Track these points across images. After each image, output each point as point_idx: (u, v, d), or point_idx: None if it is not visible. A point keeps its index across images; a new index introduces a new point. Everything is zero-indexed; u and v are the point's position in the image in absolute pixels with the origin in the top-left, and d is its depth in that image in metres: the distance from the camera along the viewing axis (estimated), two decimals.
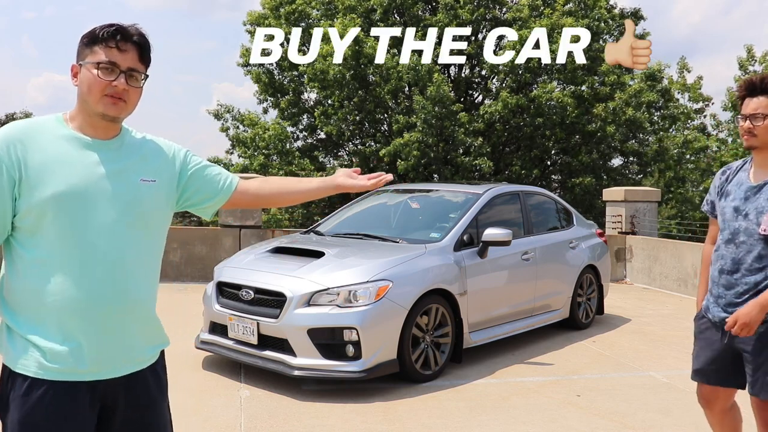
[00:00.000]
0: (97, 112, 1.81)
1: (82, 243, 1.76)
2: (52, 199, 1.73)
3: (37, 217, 1.74)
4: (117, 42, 1.80)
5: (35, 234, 1.75)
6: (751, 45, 22.02)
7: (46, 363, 1.73)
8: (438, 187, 7.19)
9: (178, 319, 6.62)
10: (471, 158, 16.84)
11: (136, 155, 1.91)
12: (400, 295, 4.86)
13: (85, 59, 1.82)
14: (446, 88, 16.33)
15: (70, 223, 1.75)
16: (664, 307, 8.73)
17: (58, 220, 1.74)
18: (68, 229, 1.75)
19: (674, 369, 5.66)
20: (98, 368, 1.78)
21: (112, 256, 1.79)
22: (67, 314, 1.75)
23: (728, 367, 2.87)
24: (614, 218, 11.64)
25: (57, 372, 1.74)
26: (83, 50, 1.83)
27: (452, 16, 18.03)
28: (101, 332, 1.78)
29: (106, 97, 1.80)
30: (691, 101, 21.84)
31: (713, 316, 2.88)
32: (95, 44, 1.81)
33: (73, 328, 1.75)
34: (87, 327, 1.76)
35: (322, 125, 18.94)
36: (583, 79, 18.17)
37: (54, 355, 1.74)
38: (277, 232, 10.02)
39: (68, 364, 1.74)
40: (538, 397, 4.79)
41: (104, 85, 1.79)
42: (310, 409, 4.41)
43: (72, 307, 1.75)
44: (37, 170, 1.74)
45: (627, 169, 20.33)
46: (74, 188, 1.76)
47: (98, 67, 1.79)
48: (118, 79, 1.80)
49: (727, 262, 2.80)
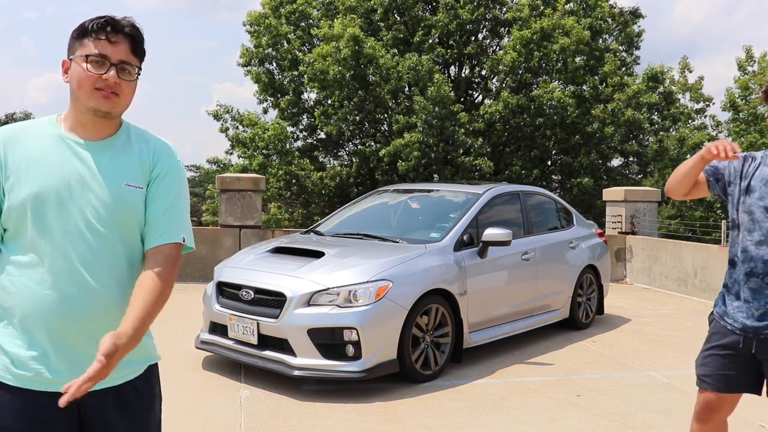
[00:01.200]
0: (88, 108, 1.74)
1: (53, 247, 1.69)
2: (28, 200, 1.68)
3: (18, 218, 1.69)
4: (107, 33, 1.72)
5: (17, 235, 1.71)
6: (749, 46, 22.23)
7: (13, 368, 1.68)
8: (438, 187, 7.19)
9: (178, 319, 6.63)
10: (471, 158, 16.84)
11: (127, 158, 1.80)
12: (400, 295, 4.86)
13: (74, 53, 1.74)
14: (446, 88, 16.34)
15: (42, 225, 1.69)
16: (664, 307, 8.72)
17: (32, 221, 1.69)
18: (41, 232, 1.69)
19: (674, 369, 5.65)
20: (69, 379, 1.62)
21: (84, 263, 1.70)
22: (33, 320, 1.68)
23: (741, 374, 2.70)
24: (614, 218, 11.64)
25: (24, 379, 1.68)
26: (73, 44, 1.76)
27: (452, 15, 18.05)
28: (69, 342, 1.70)
29: (96, 92, 1.72)
30: (692, 101, 21.87)
31: (735, 322, 2.67)
32: (85, 37, 1.73)
33: (39, 334, 1.68)
34: (53, 335, 1.68)
35: (322, 125, 18.95)
36: (584, 79, 18.19)
37: (20, 361, 1.68)
38: (277, 232, 10.02)
39: (34, 371, 1.68)
40: (538, 397, 4.79)
41: (94, 78, 1.71)
42: (310, 409, 4.40)
43: (38, 312, 1.67)
44: (17, 170, 1.70)
45: (627, 169, 20.33)
46: (48, 189, 1.69)
47: (87, 60, 1.71)
48: (109, 72, 1.71)
49: (758, 264, 2.60)
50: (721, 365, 2.73)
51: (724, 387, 2.73)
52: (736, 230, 2.71)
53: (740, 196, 2.69)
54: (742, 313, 2.65)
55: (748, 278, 2.63)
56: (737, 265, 2.69)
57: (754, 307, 2.61)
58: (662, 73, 19.08)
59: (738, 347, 2.67)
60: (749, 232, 2.64)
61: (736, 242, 2.72)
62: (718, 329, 2.77)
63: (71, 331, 1.70)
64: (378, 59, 16.83)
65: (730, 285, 2.73)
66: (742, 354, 2.67)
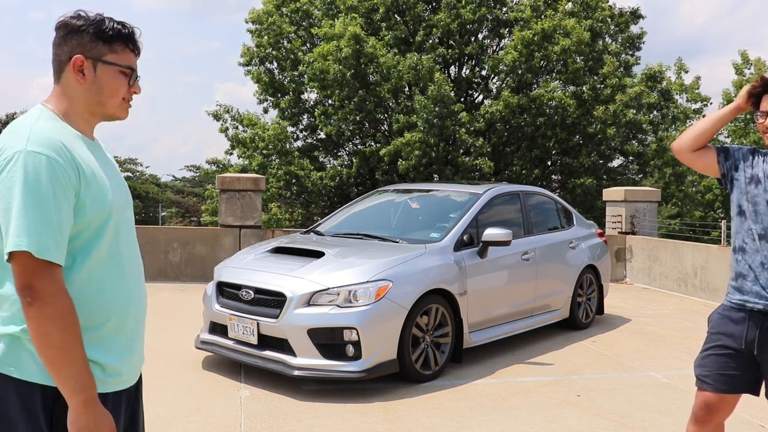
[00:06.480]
0: (108, 115, 1.73)
1: (128, 248, 1.74)
2: (110, 204, 1.65)
3: (101, 224, 1.65)
4: (135, 44, 1.72)
5: (98, 243, 1.65)
6: (744, 50, 22.74)
7: (103, 377, 1.66)
8: (438, 186, 7.19)
9: (178, 319, 6.63)
10: (471, 158, 16.85)
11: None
12: (400, 295, 4.86)
13: (102, 56, 1.67)
14: (447, 87, 16.34)
15: (120, 229, 1.70)
16: (664, 307, 8.72)
17: (114, 226, 1.68)
18: (118, 235, 1.70)
19: (674, 369, 5.66)
20: (134, 376, 1.77)
21: (139, 261, 1.79)
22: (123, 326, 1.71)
23: (741, 374, 2.69)
24: (614, 218, 11.64)
25: (111, 385, 1.68)
26: (95, 44, 1.66)
27: (454, 15, 18.04)
28: (139, 342, 1.78)
29: (124, 102, 1.72)
30: (690, 102, 21.93)
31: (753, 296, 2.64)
32: (114, 42, 1.68)
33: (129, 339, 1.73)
34: (136, 337, 1.76)
35: (322, 125, 18.95)
36: (585, 80, 18.19)
37: (110, 369, 1.69)
38: (277, 232, 10.02)
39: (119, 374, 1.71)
40: (538, 397, 4.79)
41: (126, 90, 1.72)
42: (310, 409, 4.41)
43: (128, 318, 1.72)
44: (88, 177, 1.61)
45: (627, 169, 20.34)
46: (117, 192, 1.69)
47: (122, 71, 1.70)
48: (136, 84, 1.73)
49: (766, 255, 2.62)
50: (721, 365, 2.72)
51: (724, 387, 2.72)
52: (744, 216, 2.72)
53: (746, 185, 2.71)
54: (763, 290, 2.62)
55: (762, 268, 2.63)
56: (747, 252, 2.68)
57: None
58: (660, 72, 19.11)
59: (740, 347, 2.66)
60: (753, 222, 2.67)
61: (741, 229, 2.72)
62: (718, 328, 2.75)
63: (141, 330, 1.79)
64: (378, 58, 16.83)
65: (745, 273, 2.69)
66: (742, 354, 2.67)
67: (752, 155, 2.76)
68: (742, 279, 2.69)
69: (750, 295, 2.66)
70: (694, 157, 2.84)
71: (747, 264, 2.68)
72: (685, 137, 2.83)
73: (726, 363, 2.70)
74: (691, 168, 3.25)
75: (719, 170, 2.82)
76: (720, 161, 2.79)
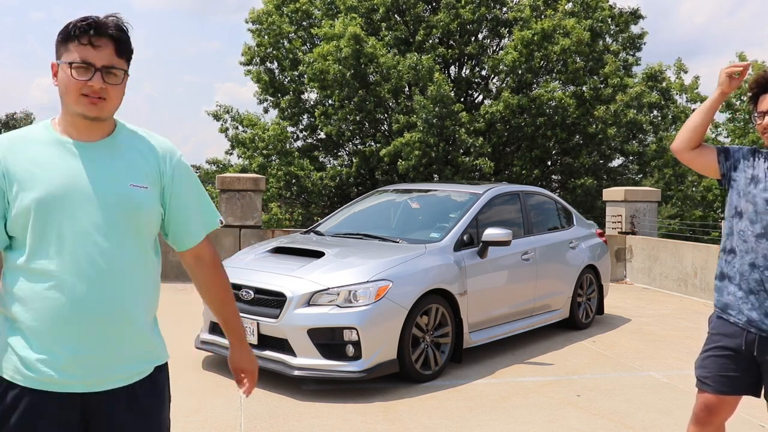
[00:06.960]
0: (76, 113, 1.73)
1: (60, 251, 1.68)
2: (33, 205, 1.68)
3: (24, 225, 1.69)
4: (90, 38, 1.68)
5: (24, 242, 1.71)
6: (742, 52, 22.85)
7: (22, 369, 1.69)
8: (438, 186, 7.19)
9: (178, 319, 6.63)
10: (471, 158, 16.85)
11: (128, 158, 1.80)
12: (400, 295, 4.86)
13: (60, 57, 1.72)
14: (447, 87, 16.34)
15: (49, 230, 1.68)
16: (664, 307, 8.72)
17: (39, 227, 1.68)
18: (48, 237, 1.69)
19: (674, 369, 5.66)
20: (77, 381, 1.70)
21: (94, 266, 1.70)
22: (42, 324, 1.68)
23: (741, 375, 2.67)
24: (614, 218, 11.64)
25: (31, 380, 1.68)
26: (59, 48, 1.73)
27: (454, 15, 18.04)
28: (81, 344, 1.70)
29: (83, 98, 1.70)
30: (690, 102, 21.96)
31: (740, 314, 2.63)
32: (69, 41, 1.70)
33: (48, 338, 1.69)
34: (64, 338, 1.69)
35: (322, 125, 18.95)
36: (585, 80, 18.19)
37: (29, 363, 1.68)
38: (277, 232, 10.02)
39: (42, 373, 1.68)
40: (538, 397, 4.79)
41: (80, 85, 1.69)
42: (310, 409, 4.41)
43: (48, 317, 1.68)
44: (20, 178, 1.69)
45: (627, 169, 20.33)
46: (53, 194, 1.68)
47: (72, 66, 1.69)
48: (94, 79, 1.69)
49: (758, 257, 2.59)
50: (721, 366, 2.70)
51: (724, 388, 2.70)
52: (738, 218, 2.69)
53: (746, 185, 2.69)
54: (747, 304, 2.62)
55: (751, 269, 2.61)
56: (737, 255, 2.66)
57: (760, 299, 2.59)
58: (660, 72, 19.12)
59: (740, 349, 2.64)
60: (751, 222, 2.64)
61: (734, 231, 2.70)
62: (718, 329, 2.74)
63: (83, 333, 1.70)
64: (378, 58, 16.84)
65: (731, 275, 2.69)
66: (742, 355, 2.65)
67: (753, 155, 2.74)
68: (728, 281, 2.70)
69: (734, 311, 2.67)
70: (693, 156, 2.82)
71: (734, 267, 2.68)
72: (681, 135, 2.83)
73: (726, 364, 2.69)
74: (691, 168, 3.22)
75: (719, 170, 2.80)
76: (720, 161, 2.78)
